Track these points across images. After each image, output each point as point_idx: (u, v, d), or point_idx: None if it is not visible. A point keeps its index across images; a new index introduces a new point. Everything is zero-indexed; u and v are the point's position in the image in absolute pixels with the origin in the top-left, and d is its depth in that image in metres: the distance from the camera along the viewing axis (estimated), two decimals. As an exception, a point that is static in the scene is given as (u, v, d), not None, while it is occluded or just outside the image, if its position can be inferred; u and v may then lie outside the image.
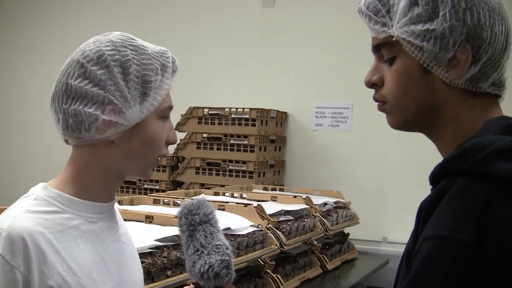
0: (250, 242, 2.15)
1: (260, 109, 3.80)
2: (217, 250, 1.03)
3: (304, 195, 2.98)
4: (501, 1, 0.90)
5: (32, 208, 1.01)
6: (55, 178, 1.09)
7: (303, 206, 2.79)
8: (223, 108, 3.87)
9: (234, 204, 2.49)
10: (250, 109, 3.79)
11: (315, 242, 2.82)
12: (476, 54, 0.86)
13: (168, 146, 1.12)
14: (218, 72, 4.49)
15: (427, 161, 1.69)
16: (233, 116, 3.83)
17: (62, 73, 1.05)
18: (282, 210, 2.61)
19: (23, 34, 5.46)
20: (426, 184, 0.88)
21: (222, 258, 1.02)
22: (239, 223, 2.22)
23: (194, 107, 3.94)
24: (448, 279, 0.74)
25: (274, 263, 2.37)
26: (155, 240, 1.80)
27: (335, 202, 3.17)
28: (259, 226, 2.28)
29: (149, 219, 2.12)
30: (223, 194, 3.06)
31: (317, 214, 2.85)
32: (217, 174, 3.87)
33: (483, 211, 0.76)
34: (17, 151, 5.41)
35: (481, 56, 0.87)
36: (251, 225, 2.27)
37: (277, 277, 2.36)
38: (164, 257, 1.74)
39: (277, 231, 2.38)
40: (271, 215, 2.45)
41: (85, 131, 1.02)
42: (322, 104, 4.11)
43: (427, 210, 0.82)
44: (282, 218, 2.55)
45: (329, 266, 2.86)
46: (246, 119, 3.79)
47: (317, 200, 3.03)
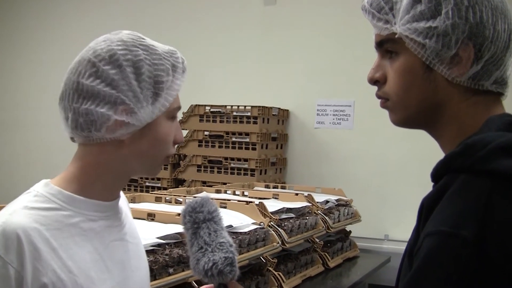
0: (252, 239, 2.15)
1: (262, 106, 3.79)
2: (221, 248, 1.03)
3: (306, 193, 2.97)
4: None
5: (31, 205, 1.00)
6: (60, 175, 1.08)
7: (305, 204, 2.79)
8: (225, 106, 3.87)
9: (236, 201, 2.49)
10: (252, 106, 3.79)
11: (317, 240, 2.83)
12: (478, 52, 0.87)
13: (176, 145, 1.12)
14: (220, 69, 4.49)
15: (428, 159, 1.69)
16: (234, 113, 3.83)
17: (72, 71, 1.04)
18: (284, 207, 2.61)
19: (22, 34, 5.46)
20: (427, 182, 0.88)
21: (226, 255, 1.02)
22: (241, 221, 2.22)
23: (196, 105, 3.94)
24: (450, 275, 0.74)
25: (276, 260, 2.37)
26: (157, 238, 1.80)
27: (337, 200, 3.17)
28: (261, 223, 2.28)
29: (151, 216, 2.12)
30: (225, 192, 3.06)
31: (319, 212, 2.85)
32: (218, 172, 3.87)
33: (485, 207, 0.76)
34: (17, 150, 5.41)
35: (483, 54, 0.87)
36: (253, 223, 2.27)
37: (279, 274, 2.36)
38: (166, 254, 1.74)
39: (279, 229, 2.38)
40: (273, 213, 2.45)
41: (95, 130, 1.01)
42: (323, 102, 4.11)
43: (429, 206, 0.83)
44: (284, 216, 2.55)
45: (331, 264, 2.86)
46: (248, 117, 3.79)
47: (319, 198, 3.03)
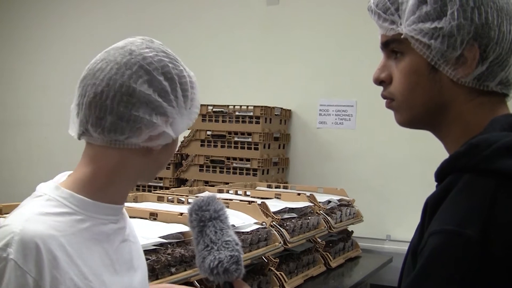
0: (254, 239, 2.15)
1: (264, 106, 3.79)
2: (227, 246, 1.03)
3: (308, 193, 2.97)
4: (510, 0, 0.90)
5: (45, 210, 0.98)
6: (70, 177, 1.06)
7: (307, 203, 2.79)
8: (227, 106, 3.87)
9: (238, 201, 2.49)
10: (254, 106, 3.79)
11: (319, 240, 2.83)
12: (483, 53, 0.87)
13: None
14: (222, 69, 4.48)
15: (431, 159, 1.69)
16: (237, 113, 3.83)
17: (117, 72, 0.99)
18: (286, 207, 2.61)
19: (23, 33, 5.46)
20: (430, 182, 0.88)
21: (231, 253, 1.02)
22: (243, 221, 2.22)
23: (199, 104, 3.93)
24: (454, 274, 0.75)
25: (277, 260, 2.37)
26: (159, 237, 1.80)
27: (339, 200, 3.17)
28: (263, 223, 2.28)
29: (153, 216, 2.12)
30: (227, 192, 3.06)
31: (321, 211, 2.85)
32: (221, 172, 3.87)
33: (489, 206, 0.76)
34: (20, 148, 5.42)
35: (489, 55, 0.87)
36: (255, 223, 2.27)
37: (280, 274, 2.36)
38: (168, 254, 1.74)
39: (281, 229, 2.38)
40: (275, 213, 2.45)
41: (135, 137, 1.01)
42: (326, 102, 4.11)
43: (433, 205, 0.83)
44: (286, 216, 2.55)
45: (333, 264, 2.86)
46: (250, 117, 3.79)
47: (321, 197, 3.03)
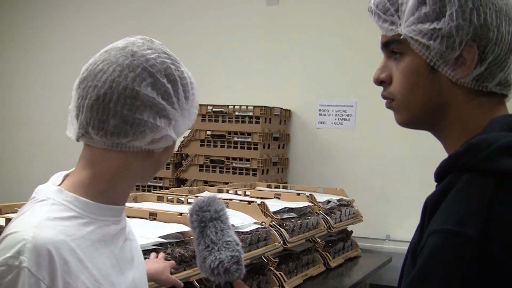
0: (253, 239, 2.15)
1: (264, 106, 3.80)
2: (228, 246, 1.04)
3: (307, 193, 2.97)
4: (509, 1, 0.90)
5: (53, 215, 0.97)
6: (69, 180, 1.05)
7: (306, 203, 2.79)
8: (227, 106, 3.88)
9: (237, 201, 2.49)
10: (254, 106, 3.79)
11: (318, 240, 2.83)
12: (482, 54, 0.87)
13: None
14: (222, 69, 4.49)
15: (430, 159, 1.69)
16: (236, 113, 3.83)
17: (120, 74, 0.98)
18: (285, 207, 2.61)
19: (27, 32, 5.47)
20: (429, 182, 0.88)
21: (232, 254, 1.03)
22: (242, 220, 2.23)
23: (198, 105, 3.93)
24: (453, 274, 0.75)
25: (277, 260, 2.38)
26: (159, 237, 1.80)
27: (338, 200, 3.17)
28: (263, 223, 2.28)
29: (153, 216, 2.12)
30: (227, 192, 3.06)
31: (320, 211, 2.85)
32: (220, 172, 3.88)
33: (488, 206, 0.77)
34: (21, 147, 5.43)
35: (487, 55, 0.87)
36: (255, 223, 2.27)
37: (280, 274, 2.37)
38: (168, 254, 1.74)
39: (280, 229, 2.38)
40: (275, 213, 2.45)
41: (138, 139, 1.00)
42: (325, 102, 4.11)
43: (433, 205, 0.83)
44: (285, 216, 2.55)
45: (332, 264, 2.86)
46: (250, 117, 3.79)
47: (320, 197, 3.03)
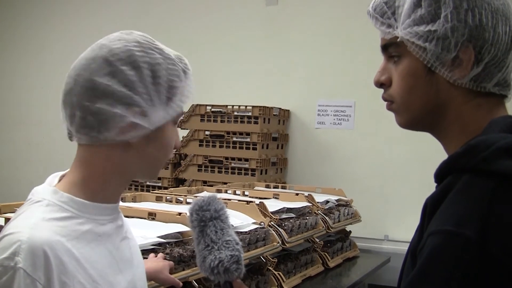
0: (252, 239, 2.15)
1: (263, 106, 3.80)
2: (227, 246, 1.04)
3: (306, 193, 2.98)
4: (506, 1, 0.90)
5: (48, 216, 0.98)
6: (65, 180, 1.06)
7: (305, 203, 2.79)
8: (226, 106, 3.88)
9: (236, 201, 2.49)
10: (253, 106, 3.79)
11: (317, 240, 2.83)
12: (478, 54, 0.87)
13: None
14: (221, 69, 4.49)
15: (429, 160, 1.70)
16: (235, 113, 3.83)
17: (84, 67, 1.01)
18: (284, 207, 2.61)
19: (27, 31, 5.47)
20: (428, 183, 0.88)
21: (232, 253, 1.04)
22: (241, 221, 2.23)
23: (197, 105, 3.94)
24: (452, 274, 0.75)
25: (276, 260, 2.38)
26: (158, 237, 1.80)
27: (337, 200, 3.17)
28: (261, 223, 2.29)
29: (151, 216, 2.12)
30: (226, 192, 3.06)
31: (319, 211, 2.85)
32: (219, 172, 3.88)
33: (488, 207, 0.77)
34: (20, 147, 5.43)
35: (484, 56, 0.87)
36: (253, 223, 2.27)
37: (279, 274, 2.37)
38: (167, 254, 1.74)
39: (279, 229, 2.39)
40: (273, 213, 2.45)
41: (106, 130, 1.00)
42: (324, 102, 4.11)
43: (433, 206, 0.84)
44: (284, 216, 2.55)
45: (331, 264, 2.87)
46: (249, 117, 3.80)
47: (319, 198, 3.03)
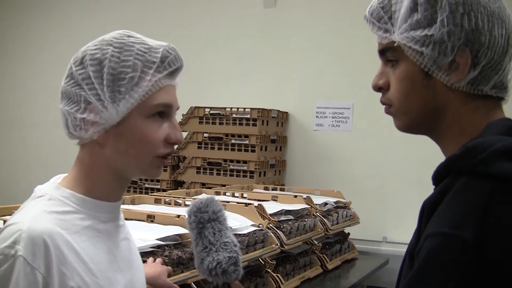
0: (250, 241, 2.16)
1: (261, 109, 3.80)
2: (225, 247, 1.05)
3: (304, 195, 2.98)
4: (502, 4, 0.91)
5: (49, 209, 1.00)
6: (65, 177, 1.09)
7: (303, 205, 2.80)
8: (224, 108, 3.88)
9: (235, 203, 2.50)
10: (251, 109, 3.80)
11: (316, 242, 2.83)
12: (475, 58, 0.88)
13: (173, 145, 1.08)
14: (219, 72, 4.49)
15: (427, 162, 1.70)
16: (234, 116, 3.83)
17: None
18: (282, 209, 2.62)
19: (26, 33, 5.47)
20: (426, 184, 0.89)
21: (230, 255, 1.04)
22: (240, 223, 2.23)
23: (195, 107, 3.95)
24: (450, 276, 0.75)
25: (274, 262, 2.38)
26: (157, 239, 1.81)
27: (335, 202, 3.18)
28: (260, 225, 2.29)
29: (150, 218, 2.13)
30: (224, 194, 3.07)
31: (317, 213, 2.86)
32: (218, 174, 3.88)
33: (485, 209, 0.77)
34: (20, 149, 5.42)
35: (480, 59, 0.88)
36: (252, 225, 2.28)
37: (277, 276, 2.37)
38: (166, 256, 1.75)
39: (277, 231, 2.39)
40: (272, 215, 2.45)
41: (73, 130, 1.05)
42: (323, 104, 4.12)
43: (430, 208, 0.84)
44: (282, 218, 2.56)
45: (330, 266, 2.87)
46: (247, 119, 3.80)
47: (317, 200, 3.04)
